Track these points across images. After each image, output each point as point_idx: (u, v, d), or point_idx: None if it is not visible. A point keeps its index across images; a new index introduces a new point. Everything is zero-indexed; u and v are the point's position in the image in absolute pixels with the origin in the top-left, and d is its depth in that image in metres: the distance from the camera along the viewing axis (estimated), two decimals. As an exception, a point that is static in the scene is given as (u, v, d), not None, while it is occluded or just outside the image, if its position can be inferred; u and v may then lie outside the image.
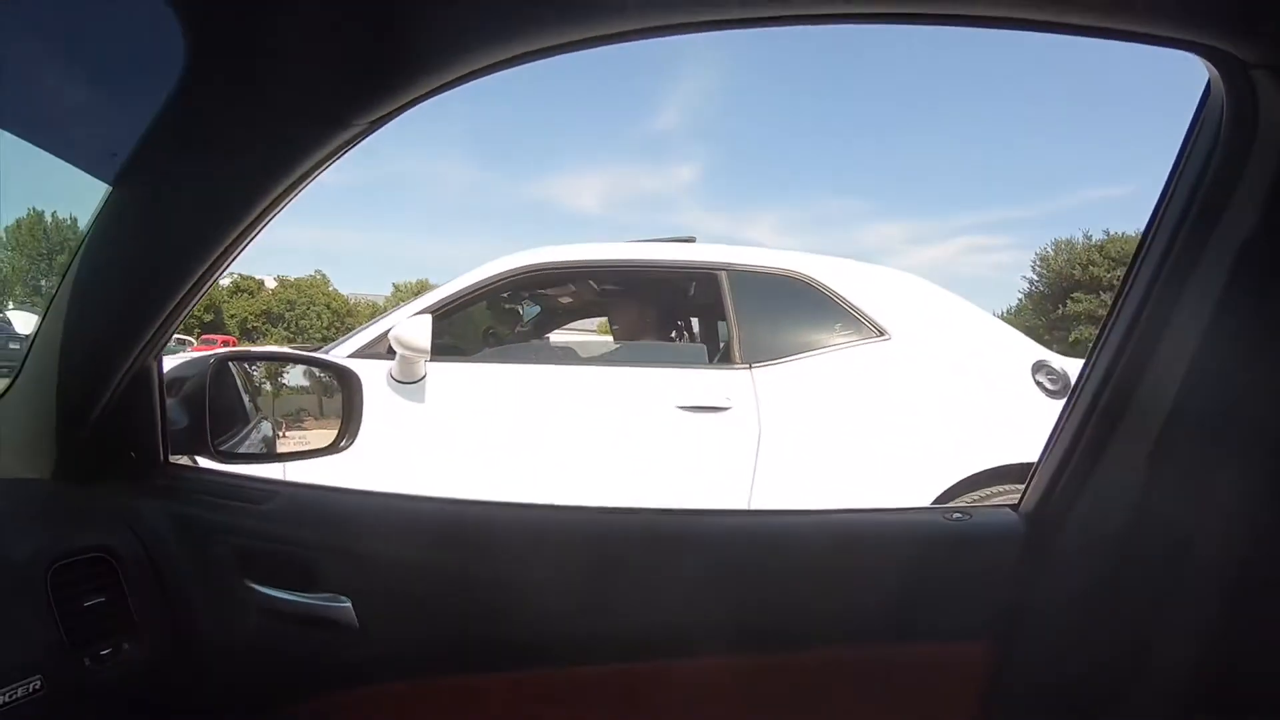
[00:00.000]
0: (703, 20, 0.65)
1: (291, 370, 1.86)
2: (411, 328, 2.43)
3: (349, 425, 1.16)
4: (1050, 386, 2.59)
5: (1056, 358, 2.73)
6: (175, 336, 0.92)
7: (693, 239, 3.13)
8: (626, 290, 3.14)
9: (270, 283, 44.25)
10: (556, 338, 3.52)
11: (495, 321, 3.29)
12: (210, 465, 1.04)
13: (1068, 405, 0.89)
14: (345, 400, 1.19)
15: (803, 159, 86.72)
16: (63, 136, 0.81)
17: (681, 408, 2.53)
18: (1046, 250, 37.92)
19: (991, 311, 3.15)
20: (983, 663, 0.88)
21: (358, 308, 43.05)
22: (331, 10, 0.65)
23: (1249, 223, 0.71)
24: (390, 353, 2.49)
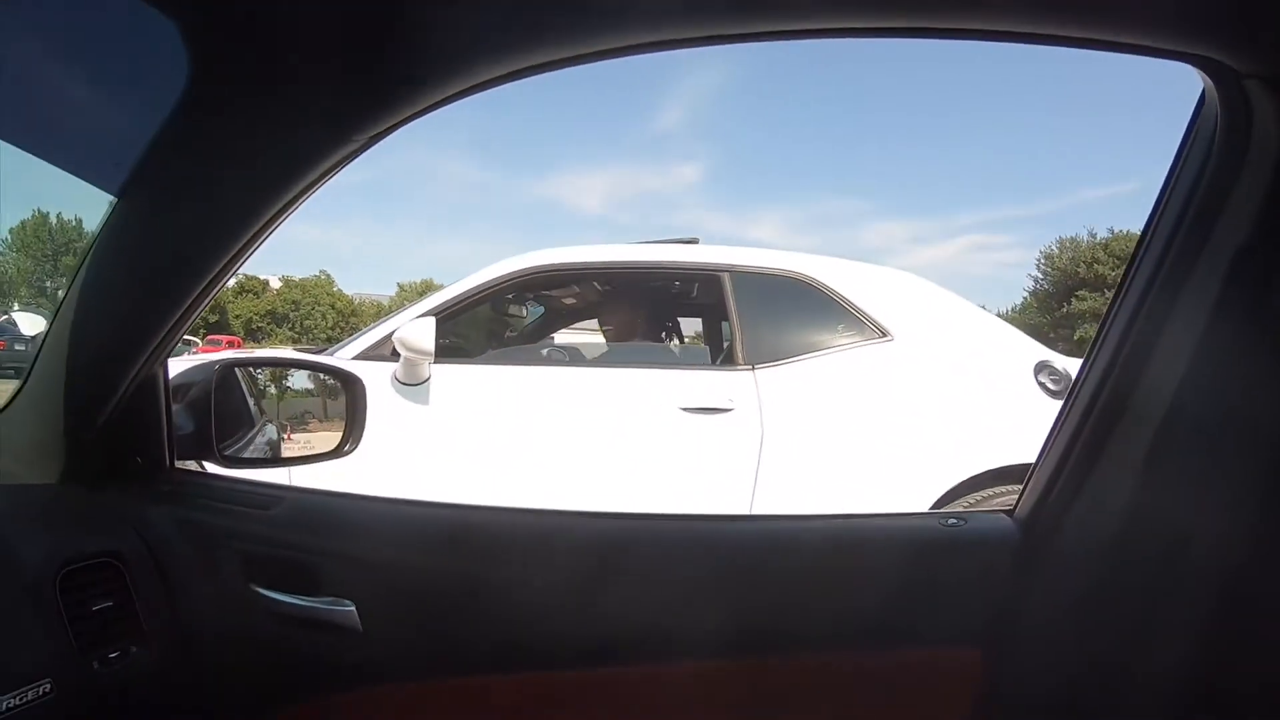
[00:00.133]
0: (702, 36, 0.65)
1: (296, 374, 1.87)
2: (415, 330, 2.44)
3: (353, 430, 1.17)
4: (1052, 387, 2.59)
5: (1059, 358, 2.72)
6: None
7: (696, 240, 3.13)
8: (624, 292, 3.13)
9: (275, 283, 44.37)
10: (562, 338, 3.52)
11: (499, 324, 3.30)
12: (216, 470, 1.06)
13: (1062, 412, 0.89)
14: (349, 405, 1.20)
15: (806, 159, 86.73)
16: (68, 149, 0.82)
17: (684, 409, 2.54)
18: (1051, 248, 37.89)
19: (996, 310, 3.16)
20: (978, 668, 0.88)
21: (362, 308, 43.17)
22: (334, 22, 0.66)
23: (1243, 230, 0.71)
24: (394, 355, 2.51)
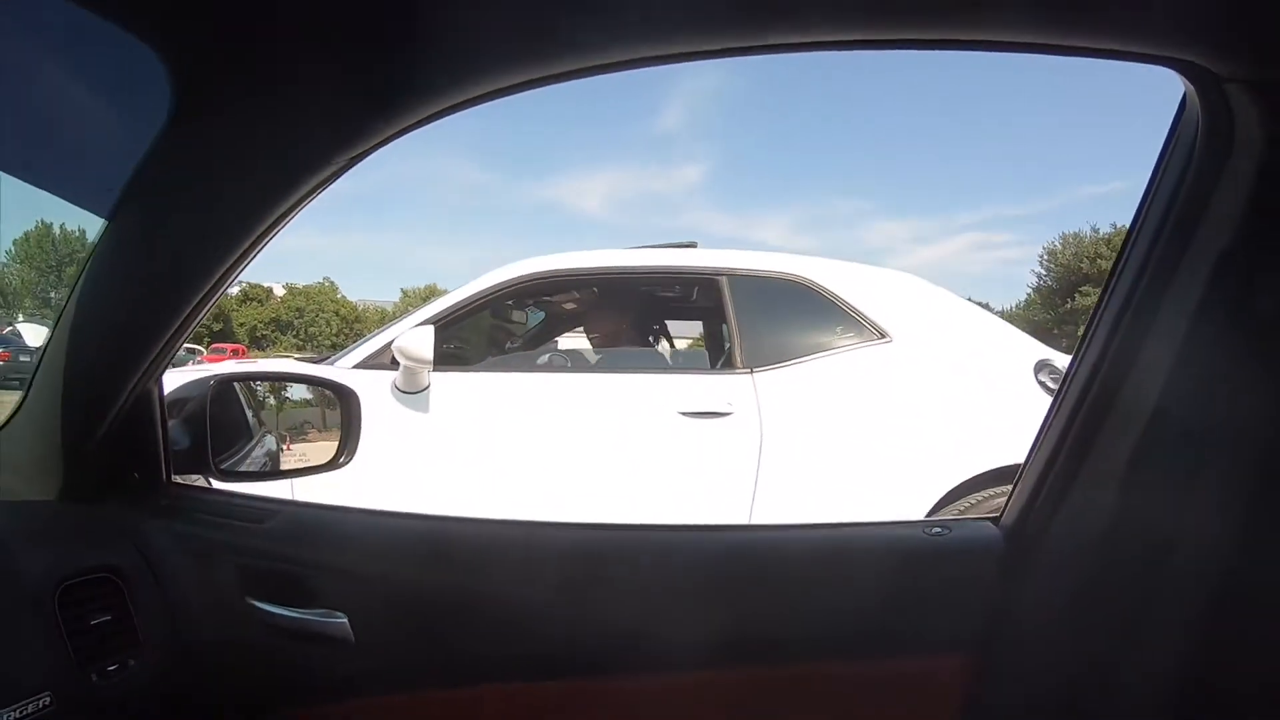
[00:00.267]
0: (698, 50, 0.65)
1: (294, 385, 1.88)
2: (414, 338, 2.45)
3: (348, 442, 1.18)
4: (1053, 386, 2.57)
5: (1060, 356, 2.72)
6: (185, 346, 0.94)
7: (694, 244, 3.13)
8: (623, 297, 3.13)
9: (279, 290, 44.44)
10: (566, 342, 3.52)
11: (499, 330, 3.30)
12: (213, 484, 1.07)
13: (1046, 420, 0.89)
14: (344, 418, 1.21)
15: (807, 160, 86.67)
16: (58, 175, 0.83)
17: (683, 413, 2.54)
18: (1054, 244, 37.75)
19: (1000, 307, 3.15)
20: (964, 676, 0.88)
21: (366, 314, 43.23)
22: (321, 40, 0.66)
23: (1225, 235, 0.72)
24: (394, 363, 2.52)
